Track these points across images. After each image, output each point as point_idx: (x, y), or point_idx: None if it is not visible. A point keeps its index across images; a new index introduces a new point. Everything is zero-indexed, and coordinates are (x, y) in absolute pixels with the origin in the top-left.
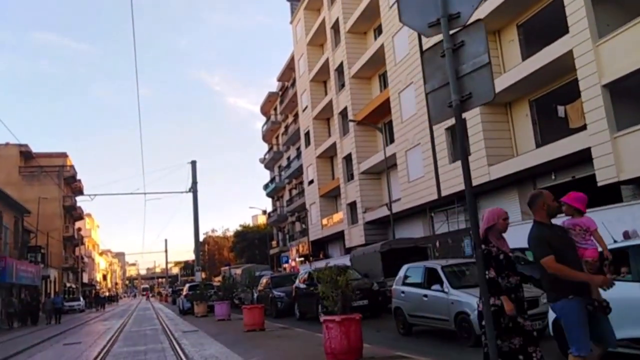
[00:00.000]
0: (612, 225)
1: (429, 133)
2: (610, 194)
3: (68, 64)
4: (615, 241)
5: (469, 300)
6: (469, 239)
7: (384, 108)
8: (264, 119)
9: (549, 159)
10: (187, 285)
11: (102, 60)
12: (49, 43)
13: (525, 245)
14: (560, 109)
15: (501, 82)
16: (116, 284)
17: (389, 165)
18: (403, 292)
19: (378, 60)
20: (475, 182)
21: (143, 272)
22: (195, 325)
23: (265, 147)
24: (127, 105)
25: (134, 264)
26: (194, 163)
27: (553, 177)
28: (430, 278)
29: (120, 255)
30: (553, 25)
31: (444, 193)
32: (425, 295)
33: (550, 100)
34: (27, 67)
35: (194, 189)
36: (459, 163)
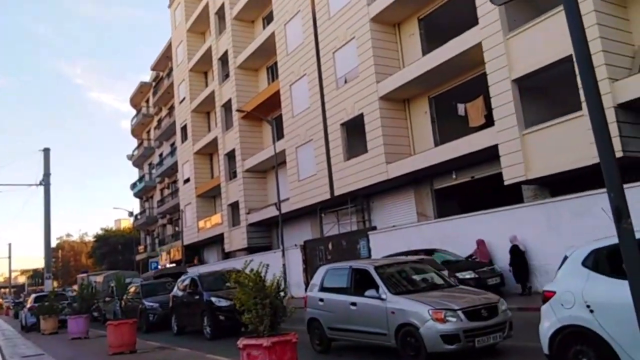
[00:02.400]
0: (513, 226)
1: (322, 129)
2: (511, 195)
3: None
4: None
5: (417, 309)
6: (365, 240)
7: (273, 101)
8: (131, 116)
9: (448, 158)
10: (33, 295)
11: None
12: None
13: (425, 246)
14: (460, 107)
15: (400, 78)
16: None
17: (279, 162)
18: (321, 299)
19: (267, 50)
20: (372, 181)
21: None
22: (40, 346)
23: (134, 143)
24: None
25: None
26: (46, 151)
27: (454, 176)
28: (360, 282)
29: None
30: (455, 21)
31: (336, 192)
32: (354, 304)
33: (450, 97)
34: None
35: (45, 182)
36: (354, 161)
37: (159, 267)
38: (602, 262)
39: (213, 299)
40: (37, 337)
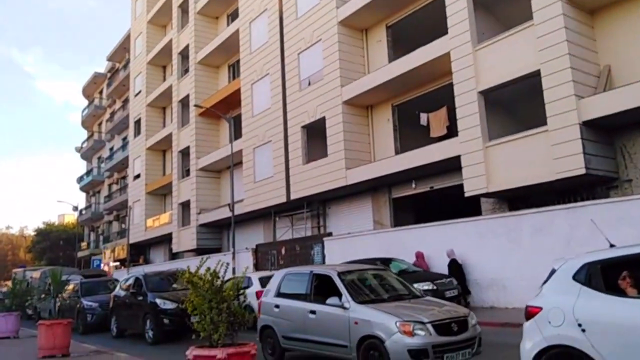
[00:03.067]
0: (473, 238)
1: (282, 130)
2: (469, 207)
3: None
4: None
5: (382, 320)
6: (320, 246)
7: (233, 100)
8: (82, 108)
9: (408, 167)
10: None
11: None
12: None
13: (382, 255)
14: (423, 117)
15: (364, 83)
16: None
17: (235, 162)
18: (277, 306)
19: (230, 47)
20: (331, 186)
21: None
22: None
23: (84, 136)
24: None
25: None
26: None
27: (413, 185)
28: (321, 289)
29: None
30: (423, 30)
31: (293, 196)
32: (313, 312)
33: (414, 106)
34: None
35: None
36: (313, 164)
37: (102, 265)
38: (597, 276)
39: (158, 301)
40: None
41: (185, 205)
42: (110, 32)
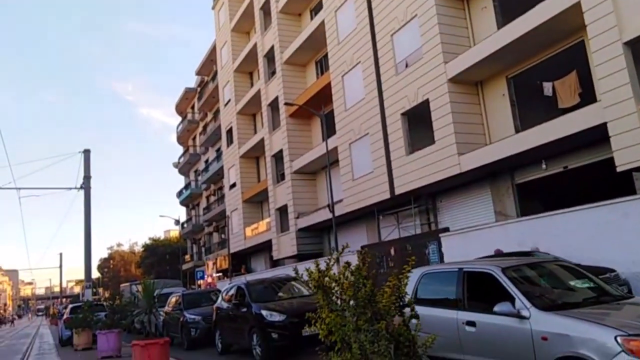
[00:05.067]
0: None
1: (380, 120)
2: (615, 189)
3: None
4: None
5: (592, 333)
6: (436, 243)
7: (322, 96)
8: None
9: (534, 146)
10: (70, 306)
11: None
12: None
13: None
14: (547, 86)
15: (471, 57)
16: (5, 304)
17: (330, 161)
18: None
19: (316, 42)
20: (441, 176)
21: (41, 291)
22: None
23: (180, 151)
24: (30, 113)
25: (30, 283)
26: (86, 152)
27: (544, 166)
28: (478, 291)
29: (12, 273)
30: None
31: (398, 191)
32: (472, 323)
33: (533, 76)
34: None
35: (85, 185)
36: (418, 154)
37: (206, 276)
38: None
39: (264, 312)
40: (68, 353)
41: (282, 211)
42: (197, 49)
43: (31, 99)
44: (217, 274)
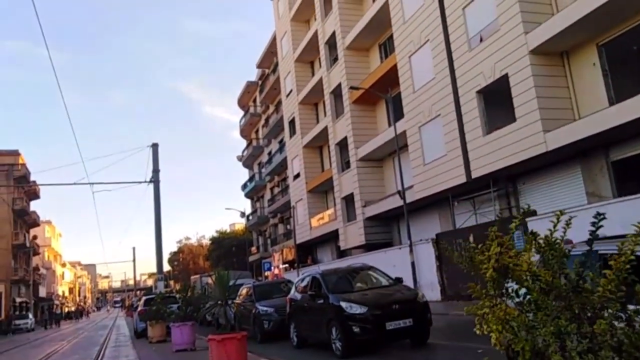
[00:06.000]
0: None
1: (452, 100)
2: None
3: (43, 73)
4: None
5: None
6: (521, 228)
7: (387, 80)
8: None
9: (632, 119)
10: (144, 298)
11: (76, 69)
12: (23, 51)
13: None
14: None
15: (555, 25)
16: (85, 297)
17: (398, 146)
18: None
19: (379, 24)
20: (524, 155)
21: (117, 284)
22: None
23: (243, 144)
24: (97, 114)
25: (107, 277)
26: (155, 146)
27: None
28: None
29: (90, 267)
30: None
31: (475, 175)
32: None
33: (630, 41)
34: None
35: (155, 178)
36: (496, 134)
37: (272, 267)
38: None
39: (343, 304)
40: (143, 345)
41: (348, 200)
42: (256, 44)
43: (100, 101)
44: (284, 265)
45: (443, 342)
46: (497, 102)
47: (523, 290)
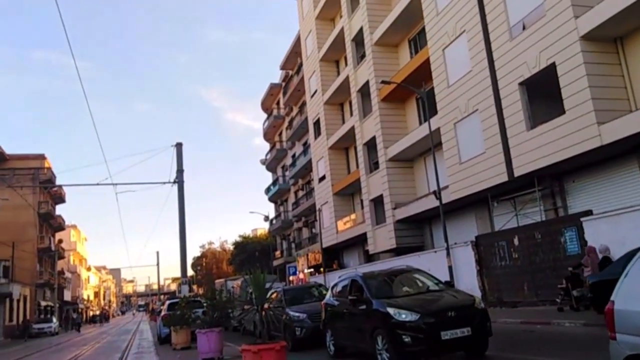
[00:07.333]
0: None
1: (491, 94)
2: None
3: (70, 82)
4: None
5: None
6: (574, 229)
7: (419, 75)
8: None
9: None
10: (167, 302)
11: (101, 78)
12: (50, 61)
13: None
14: None
15: (609, 7)
16: (109, 301)
17: (433, 144)
18: None
19: (409, 17)
20: (576, 150)
21: (142, 288)
22: None
23: (267, 148)
24: (123, 122)
25: (131, 281)
26: (179, 146)
27: None
28: None
29: (115, 272)
30: None
31: (517, 173)
32: None
33: None
34: (28, 84)
35: (179, 179)
36: (543, 128)
37: (297, 272)
38: None
39: (390, 310)
40: (167, 353)
41: (377, 202)
42: (277, 52)
43: (126, 110)
44: (309, 270)
45: (502, 354)
46: (539, 94)
47: None
